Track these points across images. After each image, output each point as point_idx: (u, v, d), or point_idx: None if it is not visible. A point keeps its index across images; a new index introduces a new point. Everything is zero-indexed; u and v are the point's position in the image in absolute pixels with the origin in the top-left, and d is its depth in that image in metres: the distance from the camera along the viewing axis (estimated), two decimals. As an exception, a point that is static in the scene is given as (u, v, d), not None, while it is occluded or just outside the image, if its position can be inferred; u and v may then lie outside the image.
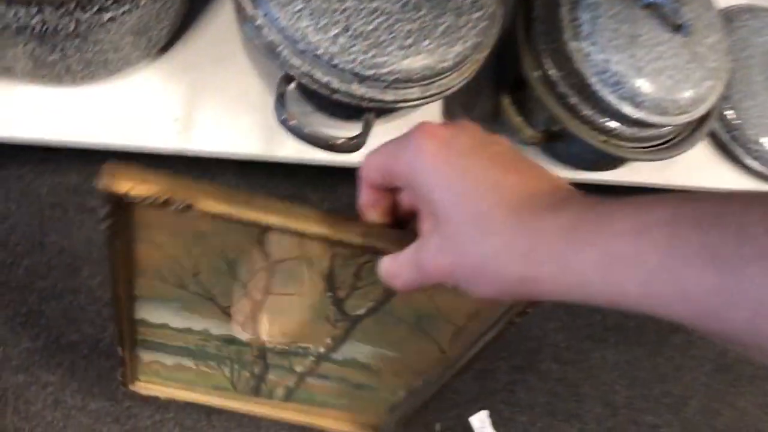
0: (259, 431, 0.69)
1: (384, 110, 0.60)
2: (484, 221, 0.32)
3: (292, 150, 0.65)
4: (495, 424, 0.79)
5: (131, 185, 0.37)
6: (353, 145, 0.55)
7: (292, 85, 0.58)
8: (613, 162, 0.74)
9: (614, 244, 0.29)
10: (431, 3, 0.57)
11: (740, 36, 0.83)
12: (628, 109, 0.64)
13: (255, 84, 0.66)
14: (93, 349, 0.68)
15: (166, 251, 0.44)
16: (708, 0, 0.69)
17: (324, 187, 0.79)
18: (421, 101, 0.58)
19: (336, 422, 0.66)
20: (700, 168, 0.81)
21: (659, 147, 0.70)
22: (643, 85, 0.63)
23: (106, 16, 0.53)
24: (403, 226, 0.39)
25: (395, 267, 0.37)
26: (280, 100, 0.55)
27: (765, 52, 0.82)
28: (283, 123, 0.54)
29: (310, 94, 0.61)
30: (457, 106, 0.73)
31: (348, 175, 0.81)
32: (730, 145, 0.81)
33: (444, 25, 0.57)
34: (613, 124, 0.66)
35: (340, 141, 0.54)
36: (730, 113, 0.80)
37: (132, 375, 0.62)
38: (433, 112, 0.71)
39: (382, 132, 0.69)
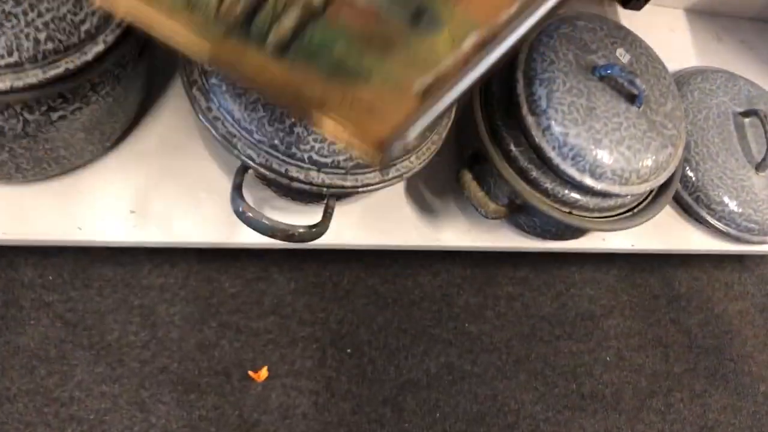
0: None
1: (344, 194, 0.59)
2: None
3: (253, 236, 0.64)
4: (476, 505, 0.76)
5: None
6: (314, 233, 0.54)
7: (250, 173, 0.57)
8: (577, 232, 0.74)
9: None
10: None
11: (694, 99, 0.84)
12: (589, 181, 0.64)
13: (213, 171, 0.65)
14: (51, 453, 0.65)
15: None
16: (661, 68, 0.70)
17: (290, 266, 0.78)
18: (381, 185, 0.57)
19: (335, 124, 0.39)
20: (665, 232, 0.81)
21: (623, 215, 0.69)
22: (603, 156, 0.63)
23: (56, 115, 0.52)
24: None
25: None
26: (237, 191, 0.54)
27: (719, 114, 0.84)
28: (240, 215, 0.53)
29: (269, 181, 0.60)
30: (418, 182, 0.73)
31: (314, 254, 0.80)
32: (693, 207, 0.81)
33: (401, 109, 0.57)
34: (575, 195, 0.66)
35: (300, 231, 0.53)
36: (691, 175, 0.80)
37: None
38: (395, 191, 0.71)
39: (345, 213, 0.68)
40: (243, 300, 0.75)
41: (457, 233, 0.72)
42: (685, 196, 0.81)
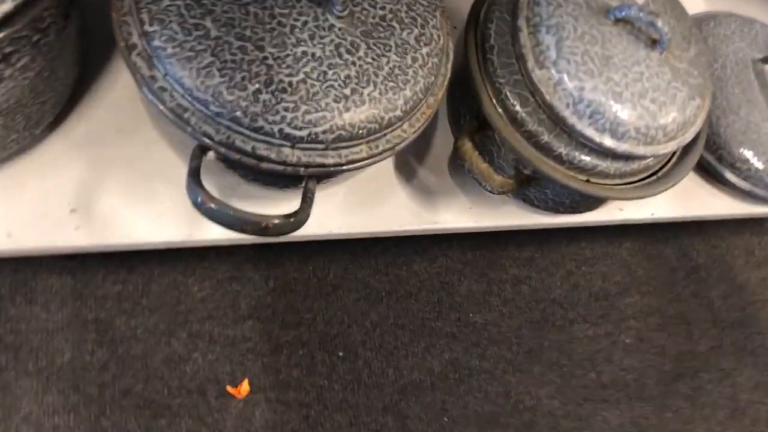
0: None
1: (326, 175, 0.50)
2: None
3: (222, 231, 0.54)
4: None
5: None
6: (293, 224, 0.44)
7: (210, 155, 0.47)
8: (595, 202, 0.65)
9: None
10: (370, 41, 0.47)
11: (708, 46, 0.76)
12: (609, 142, 0.54)
13: (167, 156, 0.55)
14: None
15: None
16: (680, 8, 0.61)
17: (267, 263, 0.68)
18: (369, 161, 0.47)
19: None
20: (686, 197, 0.73)
21: (647, 180, 0.60)
22: (625, 112, 0.54)
23: (-42, 95, 0.41)
24: None
25: None
26: (194, 178, 0.43)
27: (737, 61, 0.75)
28: (199, 207, 0.43)
29: (233, 163, 0.50)
30: (409, 156, 0.63)
31: (293, 247, 0.71)
32: (716, 167, 0.72)
33: (388, 66, 0.47)
34: (593, 160, 0.56)
35: (275, 222, 0.43)
36: (711, 132, 0.72)
37: None
38: (384, 167, 0.61)
39: (327, 198, 0.59)
40: (215, 305, 0.65)
41: (456, 213, 0.62)
42: (706, 156, 0.73)
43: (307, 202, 0.46)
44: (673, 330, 0.80)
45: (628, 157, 0.57)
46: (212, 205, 0.42)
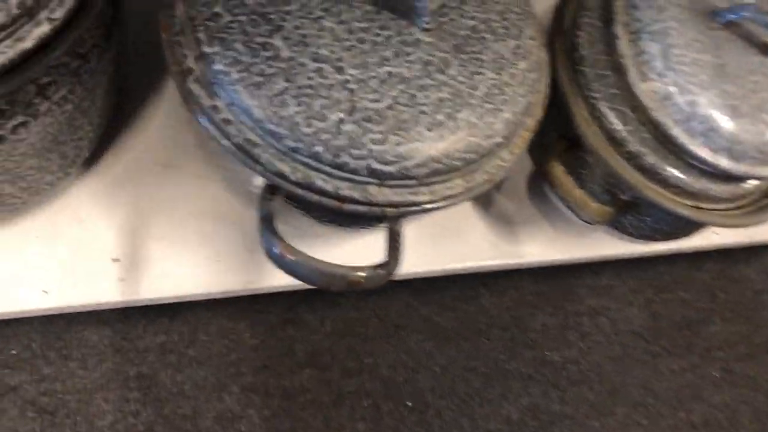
0: None
1: (414, 214, 0.43)
2: None
3: (286, 278, 0.47)
4: None
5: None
6: (384, 275, 0.37)
7: (280, 196, 0.40)
8: (694, 228, 0.58)
9: None
10: (462, 56, 0.40)
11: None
12: (726, 163, 0.47)
13: (219, 195, 0.48)
14: None
15: None
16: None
17: (323, 303, 0.61)
18: (465, 196, 0.40)
19: None
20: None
21: (759, 204, 0.53)
22: (742, 128, 0.47)
23: (-11, 136, 0.35)
24: None
25: None
26: (267, 224, 0.37)
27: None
28: (276, 259, 0.36)
29: (308, 205, 0.43)
30: (486, 183, 0.56)
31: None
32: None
33: (484, 85, 0.40)
34: (705, 184, 0.49)
35: (364, 275, 0.36)
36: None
37: None
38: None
39: (412, 237, 0.51)
40: (269, 353, 0.58)
41: (542, 245, 0.56)
42: (803, 170, 0.65)
43: (395, 248, 0.39)
44: (762, 359, 0.73)
45: (743, 179, 0.50)
46: (292, 257, 0.36)
